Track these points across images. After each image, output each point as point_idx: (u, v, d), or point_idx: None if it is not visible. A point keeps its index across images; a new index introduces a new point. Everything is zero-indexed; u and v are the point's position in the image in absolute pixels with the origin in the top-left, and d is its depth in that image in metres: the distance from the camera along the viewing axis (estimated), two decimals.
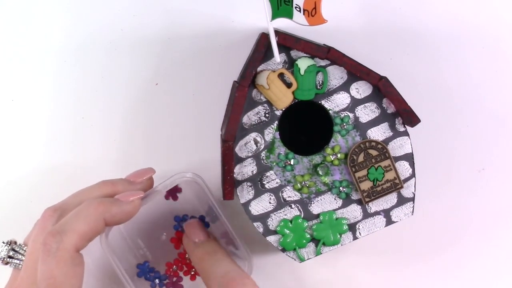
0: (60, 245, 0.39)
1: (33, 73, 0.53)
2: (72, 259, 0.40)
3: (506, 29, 0.53)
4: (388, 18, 0.53)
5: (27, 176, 0.53)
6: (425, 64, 0.53)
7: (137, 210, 0.44)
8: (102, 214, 0.42)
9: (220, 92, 0.50)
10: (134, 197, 0.44)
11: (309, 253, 0.47)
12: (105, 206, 0.42)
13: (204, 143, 0.53)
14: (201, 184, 0.47)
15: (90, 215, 0.41)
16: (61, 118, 0.53)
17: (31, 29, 0.53)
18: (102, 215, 0.42)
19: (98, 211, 0.41)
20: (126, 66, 0.53)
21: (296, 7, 0.41)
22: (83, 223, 0.41)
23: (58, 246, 0.39)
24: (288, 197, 0.47)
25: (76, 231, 0.40)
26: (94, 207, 0.41)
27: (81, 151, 0.53)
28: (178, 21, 0.53)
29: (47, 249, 0.39)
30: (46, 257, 0.39)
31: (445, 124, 0.54)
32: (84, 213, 0.41)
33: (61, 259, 0.39)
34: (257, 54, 0.44)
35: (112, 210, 0.42)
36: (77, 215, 0.41)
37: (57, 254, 0.39)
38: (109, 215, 0.42)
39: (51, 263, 0.39)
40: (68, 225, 0.40)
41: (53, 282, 0.39)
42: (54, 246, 0.39)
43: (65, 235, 0.40)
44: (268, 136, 0.46)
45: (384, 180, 0.46)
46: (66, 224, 0.40)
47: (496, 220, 0.55)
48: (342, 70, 0.46)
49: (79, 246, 0.40)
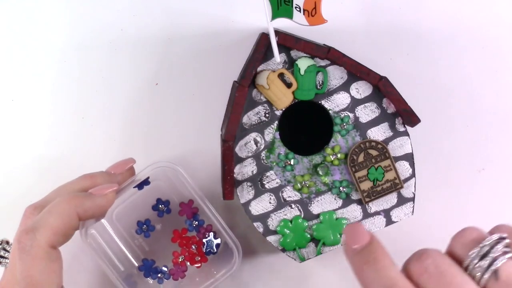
0: (33, 242, 0.40)
1: (33, 73, 0.53)
2: (47, 255, 0.40)
3: (506, 29, 0.53)
4: (388, 18, 0.53)
5: (27, 176, 0.53)
6: (425, 64, 0.53)
7: (111, 203, 0.44)
8: (74, 209, 0.42)
9: (220, 92, 0.50)
10: (108, 190, 0.44)
11: (309, 253, 0.47)
12: (78, 201, 0.42)
13: (204, 143, 0.53)
14: (178, 174, 0.47)
15: (63, 210, 0.42)
16: (61, 118, 0.53)
17: (31, 29, 0.53)
18: (75, 210, 0.42)
19: (70, 206, 0.42)
20: (126, 66, 0.53)
21: (296, 7, 0.41)
22: (56, 218, 0.41)
23: (32, 243, 0.40)
24: (288, 197, 0.47)
25: (49, 227, 0.41)
26: (66, 202, 0.42)
27: (81, 151, 0.53)
28: (178, 21, 0.53)
29: (22, 247, 0.40)
30: (21, 255, 0.40)
31: (445, 124, 0.54)
32: (56, 209, 0.42)
33: (36, 256, 0.40)
34: (257, 54, 0.44)
35: (85, 205, 0.43)
36: (50, 212, 0.42)
37: (32, 251, 0.40)
38: (82, 209, 0.42)
39: (26, 261, 0.40)
40: (41, 221, 0.41)
41: (30, 280, 0.39)
42: (28, 244, 0.40)
43: (38, 232, 0.40)
44: (268, 136, 0.46)
45: (384, 180, 0.46)
46: (39, 221, 0.41)
47: (496, 220, 0.55)
48: (342, 70, 0.46)
49: (53, 241, 0.41)
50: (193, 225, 0.49)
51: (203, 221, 0.49)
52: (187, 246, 0.49)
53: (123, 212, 0.50)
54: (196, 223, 0.49)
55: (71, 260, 0.52)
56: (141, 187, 0.48)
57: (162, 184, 0.49)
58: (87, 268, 0.53)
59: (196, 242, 0.49)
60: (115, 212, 0.50)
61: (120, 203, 0.49)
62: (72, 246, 0.47)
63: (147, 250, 0.50)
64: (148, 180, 0.48)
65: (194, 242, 0.49)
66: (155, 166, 0.47)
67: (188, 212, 0.49)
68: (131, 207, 0.50)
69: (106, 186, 0.45)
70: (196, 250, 0.49)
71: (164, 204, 0.49)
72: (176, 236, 0.49)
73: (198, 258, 0.49)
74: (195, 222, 0.49)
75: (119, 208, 0.50)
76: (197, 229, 0.49)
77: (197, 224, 0.49)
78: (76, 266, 0.53)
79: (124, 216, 0.50)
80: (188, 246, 0.49)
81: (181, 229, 0.49)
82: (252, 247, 0.54)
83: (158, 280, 0.49)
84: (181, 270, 0.49)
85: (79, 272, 0.53)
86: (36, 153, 0.54)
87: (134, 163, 0.49)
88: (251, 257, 0.54)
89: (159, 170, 0.47)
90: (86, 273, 0.53)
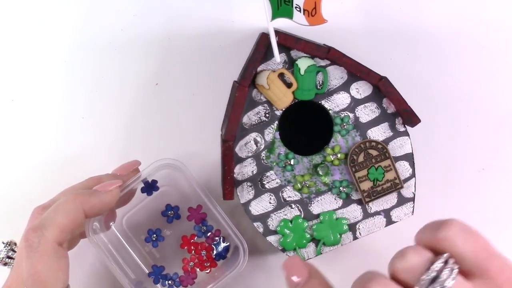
0: (41, 239, 0.40)
1: (33, 73, 0.53)
2: (55, 252, 0.40)
3: (506, 29, 0.53)
4: (388, 18, 0.53)
5: (27, 176, 0.53)
6: (425, 64, 0.53)
7: (115, 199, 0.45)
8: (80, 206, 0.42)
9: (220, 92, 0.50)
10: (112, 186, 0.45)
11: (309, 253, 0.47)
12: (83, 198, 0.43)
13: (204, 143, 0.53)
14: (183, 169, 0.47)
15: (69, 207, 0.42)
16: (61, 118, 0.53)
17: (31, 29, 0.53)
18: (81, 207, 0.42)
19: (76, 203, 0.42)
20: (126, 66, 0.53)
21: (296, 7, 0.41)
22: (62, 216, 0.41)
23: (39, 241, 0.40)
24: (288, 197, 0.47)
25: (56, 225, 0.41)
26: (72, 200, 0.42)
27: (81, 151, 0.53)
28: (178, 21, 0.53)
29: (30, 245, 0.40)
30: (29, 253, 0.40)
31: (445, 124, 0.54)
32: (63, 207, 0.42)
33: (43, 253, 0.40)
34: (257, 54, 0.44)
35: (90, 201, 0.43)
36: (56, 209, 0.42)
37: (39, 248, 0.40)
38: (88, 206, 0.43)
39: (34, 258, 0.40)
40: (48, 219, 0.41)
41: (38, 278, 0.40)
42: (36, 241, 0.40)
43: (46, 230, 0.40)
44: (268, 136, 0.46)
45: (384, 180, 0.46)
46: (46, 219, 0.41)
47: (496, 220, 0.55)
48: (342, 70, 0.46)
49: (61, 239, 0.41)
50: (201, 230, 0.49)
51: (211, 227, 0.49)
52: (196, 252, 0.49)
53: (133, 218, 0.50)
54: (205, 228, 0.49)
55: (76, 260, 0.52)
56: (150, 193, 0.48)
57: (171, 190, 0.49)
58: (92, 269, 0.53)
59: (205, 248, 0.49)
60: (125, 218, 0.50)
61: (130, 209, 0.49)
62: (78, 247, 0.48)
63: (157, 257, 0.50)
64: (157, 185, 0.48)
65: (203, 248, 0.49)
66: (159, 163, 0.46)
67: (197, 218, 0.49)
68: (141, 213, 0.50)
69: (110, 183, 0.45)
70: (205, 256, 0.49)
71: (173, 210, 0.49)
72: (185, 242, 0.49)
73: (207, 264, 0.49)
74: (204, 228, 0.49)
75: (129, 215, 0.50)
76: (206, 235, 0.49)
77: (206, 229, 0.49)
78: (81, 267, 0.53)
79: (134, 222, 0.50)
80: (197, 252, 0.49)
81: (190, 235, 0.49)
82: (252, 247, 0.54)
83: (168, 287, 0.49)
84: (191, 277, 0.49)
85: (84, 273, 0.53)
86: (36, 153, 0.54)
87: (139, 165, 0.49)
88: (251, 257, 0.54)
89: (166, 173, 0.47)
90: (91, 274, 0.53)
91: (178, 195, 0.50)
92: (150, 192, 0.48)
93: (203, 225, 0.49)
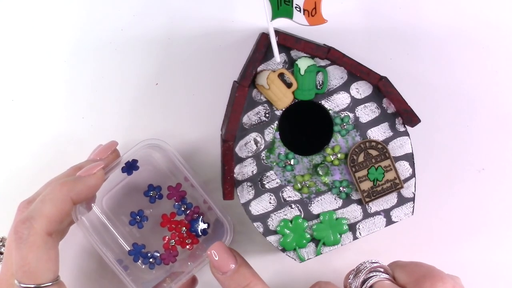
0: (31, 230, 0.40)
1: (33, 73, 0.53)
2: (44, 242, 0.40)
3: (506, 29, 0.53)
4: (388, 18, 0.53)
5: (27, 176, 0.53)
6: (425, 64, 0.53)
7: (101, 181, 0.45)
8: (67, 194, 0.42)
9: (220, 92, 0.50)
10: (96, 168, 0.45)
11: (309, 253, 0.47)
12: (69, 185, 0.43)
13: (204, 143, 0.53)
14: (168, 149, 0.47)
15: (56, 197, 0.42)
16: (61, 118, 0.53)
17: (31, 29, 0.53)
18: (68, 195, 0.42)
19: (62, 192, 0.42)
20: (126, 66, 0.53)
21: (296, 7, 0.41)
22: (50, 206, 0.41)
23: (29, 232, 0.40)
24: (288, 197, 0.47)
25: (45, 215, 0.41)
26: (58, 189, 0.42)
27: (81, 151, 0.53)
28: (178, 21, 0.53)
29: (19, 237, 0.40)
30: (19, 244, 0.40)
31: (445, 124, 0.54)
32: (50, 197, 0.42)
33: (33, 244, 0.40)
34: (257, 54, 0.44)
35: (76, 188, 0.43)
36: (44, 200, 0.42)
37: (29, 239, 0.40)
38: (75, 192, 0.43)
39: (23, 249, 0.40)
40: (36, 210, 0.41)
41: (28, 269, 0.40)
42: (25, 233, 0.40)
43: (34, 221, 0.40)
44: (268, 136, 0.46)
45: (384, 180, 0.46)
46: (34, 210, 0.41)
47: (496, 220, 0.55)
48: (342, 70, 0.46)
49: (50, 229, 0.41)
50: (181, 208, 0.49)
51: (191, 204, 0.49)
52: (176, 230, 0.49)
53: (113, 198, 0.50)
54: (185, 206, 0.49)
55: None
56: (130, 172, 0.48)
57: (152, 169, 0.49)
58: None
59: (185, 225, 0.49)
60: (105, 198, 0.50)
61: (109, 189, 0.49)
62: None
63: (137, 236, 0.50)
64: (137, 164, 0.48)
65: (183, 225, 0.49)
66: (142, 144, 0.47)
67: (177, 196, 0.49)
68: (121, 193, 0.50)
69: (92, 166, 0.45)
70: (186, 233, 0.49)
71: (155, 190, 0.49)
72: (165, 221, 0.49)
73: (189, 241, 0.49)
74: (184, 206, 0.49)
75: (109, 195, 0.50)
76: (185, 212, 0.49)
77: (186, 207, 0.49)
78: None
79: (114, 202, 0.50)
80: (178, 230, 0.49)
81: (170, 213, 0.49)
82: (252, 247, 0.54)
83: (150, 265, 0.49)
84: (172, 255, 0.49)
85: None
86: (36, 153, 0.54)
87: (117, 145, 0.49)
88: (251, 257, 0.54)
89: (147, 153, 0.47)
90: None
91: (158, 174, 0.50)
92: (130, 171, 0.48)
93: (183, 203, 0.49)
